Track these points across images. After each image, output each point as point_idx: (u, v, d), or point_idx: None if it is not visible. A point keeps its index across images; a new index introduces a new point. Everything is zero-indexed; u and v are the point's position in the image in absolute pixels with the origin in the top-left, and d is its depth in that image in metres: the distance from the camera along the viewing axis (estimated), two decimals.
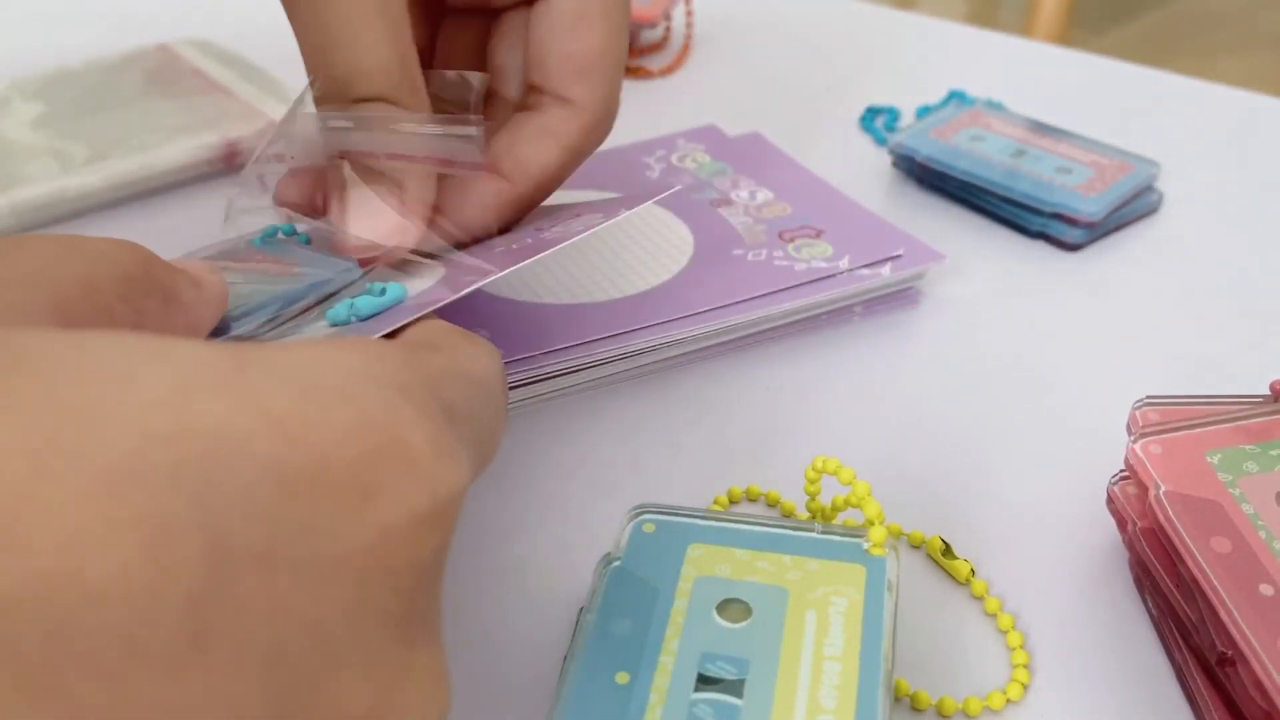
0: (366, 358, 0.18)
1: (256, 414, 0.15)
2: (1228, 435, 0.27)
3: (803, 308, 0.36)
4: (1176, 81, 0.56)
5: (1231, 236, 0.43)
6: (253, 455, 0.15)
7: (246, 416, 0.15)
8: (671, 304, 0.35)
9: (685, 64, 0.58)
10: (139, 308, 0.22)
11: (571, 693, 0.22)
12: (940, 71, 0.57)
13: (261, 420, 0.15)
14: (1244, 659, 0.22)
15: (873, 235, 0.39)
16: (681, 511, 0.26)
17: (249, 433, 0.15)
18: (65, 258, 0.21)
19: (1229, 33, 2.00)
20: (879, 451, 0.33)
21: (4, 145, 0.44)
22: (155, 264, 0.23)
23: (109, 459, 0.14)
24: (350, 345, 0.18)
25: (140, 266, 0.22)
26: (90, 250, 0.21)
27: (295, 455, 0.15)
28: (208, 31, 0.55)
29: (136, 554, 0.14)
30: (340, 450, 0.16)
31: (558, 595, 0.28)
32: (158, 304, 0.22)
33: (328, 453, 0.16)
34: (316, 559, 0.15)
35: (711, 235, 0.39)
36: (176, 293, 0.23)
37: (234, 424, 0.15)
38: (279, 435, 0.15)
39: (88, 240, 0.22)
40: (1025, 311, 0.39)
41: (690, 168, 0.43)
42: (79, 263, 0.21)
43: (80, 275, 0.21)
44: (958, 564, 0.28)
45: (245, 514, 0.15)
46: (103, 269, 0.21)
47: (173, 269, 0.24)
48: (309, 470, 0.16)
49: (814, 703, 0.22)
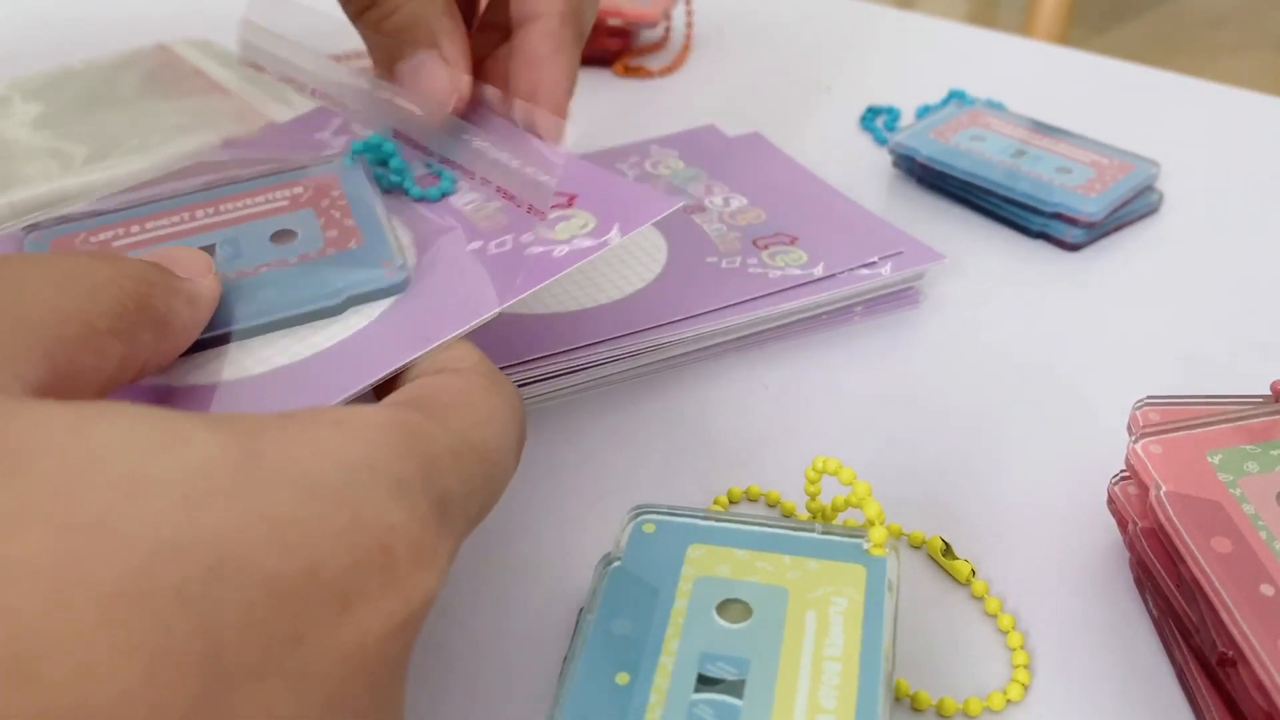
0: (370, 449, 0.19)
1: (260, 523, 0.16)
2: (1228, 435, 0.27)
3: (802, 308, 0.36)
4: (1177, 81, 0.56)
5: (1231, 236, 0.43)
6: (255, 568, 0.16)
7: (252, 526, 0.16)
8: (649, 313, 0.34)
9: (685, 64, 0.58)
10: (132, 340, 0.21)
11: (571, 693, 0.22)
12: (940, 71, 0.57)
13: (263, 531, 0.16)
14: (1244, 659, 0.22)
15: (870, 236, 0.39)
16: (681, 512, 0.26)
17: (253, 544, 0.16)
18: (64, 294, 0.20)
19: (1229, 33, 2.00)
20: (879, 451, 0.33)
21: (4, 145, 0.44)
22: (153, 291, 0.22)
23: (118, 581, 0.14)
24: (358, 431, 0.19)
25: (137, 299, 0.22)
26: (89, 282, 0.21)
27: (290, 565, 0.16)
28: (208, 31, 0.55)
29: (140, 679, 0.14)
30: (330, 559, 0.17)
31: (558, 595, 0.28)
32: (151, 335, 0.22)
33: (319, 561, 0.16)
34: (301, 667, 0.16)
35: (685, 243, 0.38)
36: (170, 320, 0.23)
37: (240, 535, 0.16)
38: (279, 545, 0.16)
39: (88, 270, 0.21)
40: (1026, 311, 0.39)
41: (663, 174, 0.43)
42: (77, 299, 0.20)
43: (77, 313, 0.20)
44: (958, 564, 0.28)
45: (242, 627, 0.15)
46: (101, 304, 0.21)
47: (169, 291, 0.23)
48: (300, 580, 0.16)
49: (814, 703, 0.22)
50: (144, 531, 0.15)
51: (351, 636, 0.17)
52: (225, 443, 0.17)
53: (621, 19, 0.56)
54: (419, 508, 0.18)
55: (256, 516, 0.16)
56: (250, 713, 0.15)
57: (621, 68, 0.57)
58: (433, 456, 0.20)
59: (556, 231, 0.28)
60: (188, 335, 0.24)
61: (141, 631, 0.14)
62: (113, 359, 0.21)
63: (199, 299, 0.24)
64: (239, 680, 0.15)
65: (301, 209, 0.30)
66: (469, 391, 0.23)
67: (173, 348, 0.23)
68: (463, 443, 0.21)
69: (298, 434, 0.18)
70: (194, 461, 0.16)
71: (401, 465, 0.19)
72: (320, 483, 0.17)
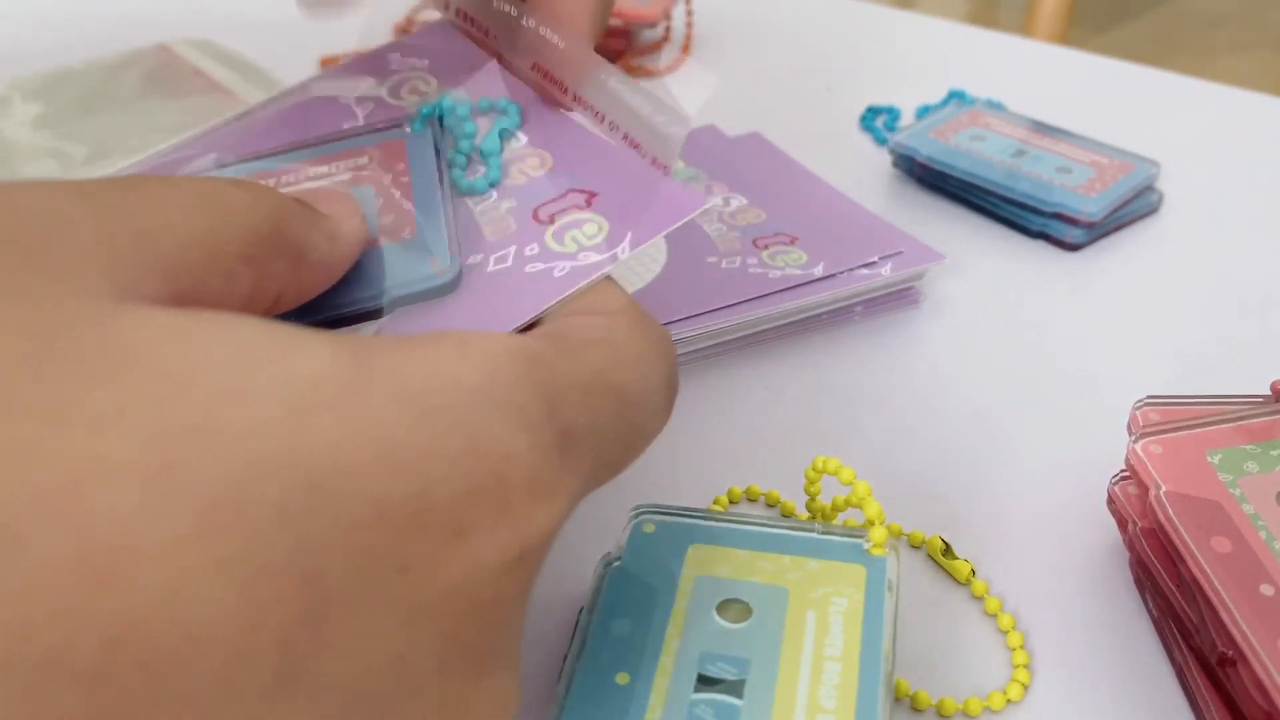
0: (490, 375, 0.17)
1: (368, 441, 0.15)
2: (1228, 435, 0.27)
3: (802, 308, 0.36)
4: (1177, 81, 0.56)
5: (1231, 236, 0.43)
6: (358, 490, 0.15)
7: (358, 444, 0.15)
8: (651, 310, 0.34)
9: (685, 64, 0.58)
10: (263, 270, 0.20)
11: (572, 693, 0.22)
12: (940, 71, 0.57)
13: (371, 450, 0.15)
14: (1244, 659, 0.22)
15: (870, 236, 0.39)
16: (681, 512, 0.26)
17: (358, 465, 0.15)
18: (194, 214, 0.19)
19: (1229, 32, 2.00)
20: (879, 451, 0.33)
21: (4, 145, 0.44)
22: (291, 219, 0.21)
23: (215, 491, 0.14)
24: (478, 356, 0.18)
25: (273, 224, 0.20)
26: (223, 205, 0.20)
27: (399, 490, 0.15)
28: (208, 31, 0.55)
29: (236, 595, 0.14)
30: (441, 485, 0.16)
31: (558, 595, 0.28)
32: (285, 265, 0.21)
33: (430, 489, 0.16)
34: (406, 597, 0.15)
35: (685, 243, 0.38)
36: (306, 252, 0.22)
37: (344, 452, 0.15)
38: (386, 467, 0.15)
39: (223, 192, 0.20)
40: (1026, 311, 0.39)
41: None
42: (207, 220, 0.19)
43: (205, 235, 0.19)
44: (958, 564, 0.28)
45: (343, 551, 0.15)
46: (232, 229, 0.20)
47: (309, 221, 0.22)
48: (410, 507, 0.15)
49: (814, 703, 0.22)
50: (244, 441, 0.14)
51: (462, 569, 0.16)
52: (337, 358, 0.16)
53: (621, 19, 0.56)
54: (540, 439, 0.17)
55: (364, 435, 0.15)
56: (350, 642, 0.15)
57: (621, 67, 0.57)
58: (559, 390, 0.18)
59: (565, 244, 0.26)
60: (326, 271, 0.23)
61: (238, 546, 0.14)
62: (243, 285, 0.20)
63: (340, 236, 0.23)
64: (340, 607, 0.15)
65: (364, 184, 0.27)
66: (611, 330, 0.21)
67: (311, 281, 0.22)
68: (597, 381, 0.20)
69: (414, 355, 0.17)
70: (302, 373, 0.15)
71: (523, 394, 0.18)
72: (434, 405, 0.16)
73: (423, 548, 0.15)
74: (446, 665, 0.16)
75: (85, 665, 0.13)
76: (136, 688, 0.13)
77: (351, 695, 0.15)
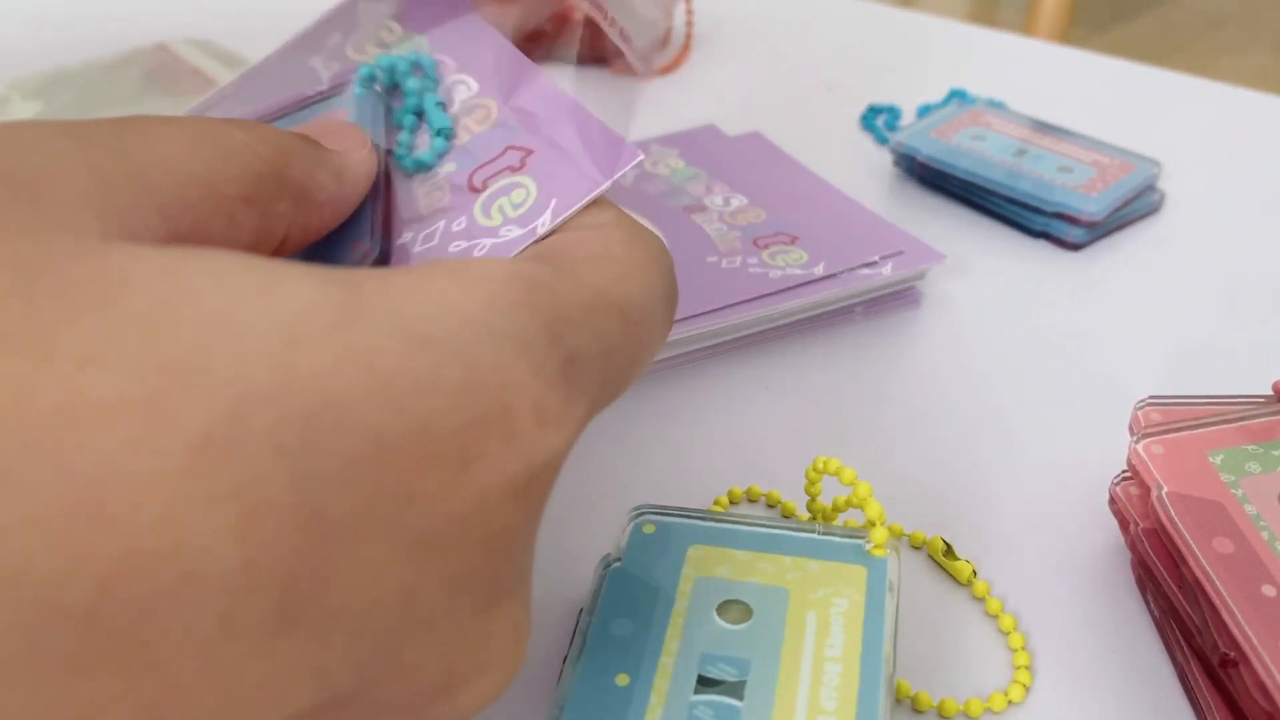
0: (487, 302, 0.17)
1: (363, 371, 0.15)
2: (1230, 435, 0.27)
3: (803, 308, 0.36)
4: (1178, 81, 0.56)
5: (1233, 236, 0.43)
6: (356, 421, 0.14)
7: (353, 374, 0.15)
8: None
9: (685, 64, 0.58)
10: (266, 210, 0.20)
11: (571, 694, 0.22)
12: (941, 71, 0.57)
13: (368, 380, 0.15)
14: (1246, 660, 0.22)
15: (871, 235, 0.38)
16: (681, 512, 0.26)
17: (354, 395, 0.15)
18: (192, 153, 0.19)
19: (1230, 33, 2.00)
20: (880, 452, 0.32)
21: None
22: (295, 158, 0.21)
23: (208, 422, 0.13)
24: (473, 284, 0.17)
25: (275, 165, 0.20)
26: (223, 145, 0.19)
27: (399, 421, 0.15)
28: (208, 31, 0.55)
29: (233, 529, 0.13)
30: (444, 417, 0.15)
31: (558, 596, 0.28)
32: (288, 206, 0.20)
33: (431, 420, 0.15)
34: (411, 529, 0.15)
35: (685, 243, 0.38)
36: (311, 192, 0.21)
37: (339, 383, 0.15)
38: (384, 398, 0.15)
39: (221, 131, 0.20)
40: (1027, 311, 0.39)
41: (663, 174, 0.43)
42: (207, 159, 0.19)
43: (204, 174, 0.19)
44: (959, 565, 0.28)
45: (343, 483, 0.14)
46: (233, 169, 0.19)
47: (315, 159, 0.21)
48: (411, 438, 0.15)
49: (815, 704, 0.22)
50: (235, 374, 0.14)
51: (468, 498, 0.16)
52: (327, 289, 0.15)
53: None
54: (544, 365, 0.17)
55: (359, 366, 0.15)
56: (355, 576, 0.15)
57: (621, 67, 0.57)
58: (560, 312, 0.18)
59: (491, 216, 0.24)
60: (334, 209, 0.22)
61: (232, 480, 0.13)
62: (246, 228, 0.19)
63: (347, 172, 0.22)
64: (343, 538, 0.14)
65: None
66: (607, 244, 0.21)
67: (319, 221, 0.22)
68: (598, 298, 0.19)
69: (407, 285, 0.16)
70: (292, 305, 0.15)
71: (524, 319, 0.17)
72: (431, 334, 0.16)
73: (427, 478, 0.15)
74: (456, 597, 0.16)
75: (79, 604, 0.13)
76: (132, 627, 0.13)
77: (358, 630, 0.15)
